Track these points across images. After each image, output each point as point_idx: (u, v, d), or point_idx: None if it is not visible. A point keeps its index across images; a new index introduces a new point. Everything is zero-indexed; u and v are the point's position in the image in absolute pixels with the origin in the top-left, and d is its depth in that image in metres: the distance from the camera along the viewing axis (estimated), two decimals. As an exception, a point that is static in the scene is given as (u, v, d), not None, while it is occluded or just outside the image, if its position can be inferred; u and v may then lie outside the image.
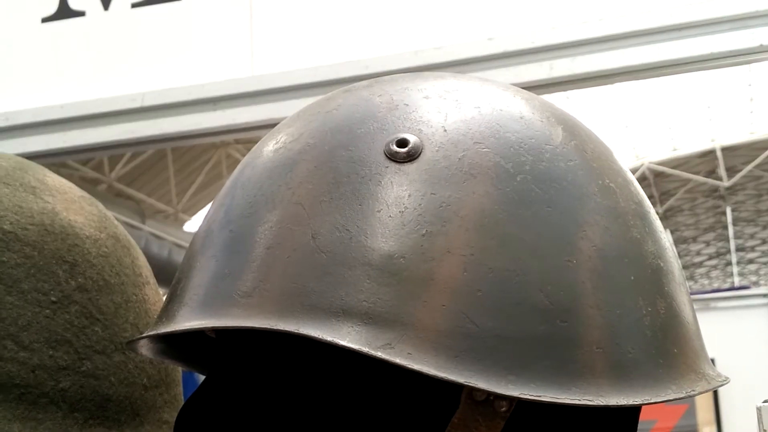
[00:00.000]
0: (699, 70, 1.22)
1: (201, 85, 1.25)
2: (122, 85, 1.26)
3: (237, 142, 10.13)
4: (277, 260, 0.46)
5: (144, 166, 10.09)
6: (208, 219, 0.53)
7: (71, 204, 0.62)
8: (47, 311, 0.55)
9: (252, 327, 0.44)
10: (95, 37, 1.29)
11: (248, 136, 1.33)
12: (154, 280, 0.68)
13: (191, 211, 11.36)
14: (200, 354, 0.60)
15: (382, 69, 1.18)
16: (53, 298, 0.56)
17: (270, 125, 1.32)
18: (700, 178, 14.10)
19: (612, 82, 1.25)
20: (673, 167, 13.73)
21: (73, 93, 1.23)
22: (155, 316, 0.63)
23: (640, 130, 12.19)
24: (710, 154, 13.36)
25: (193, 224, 11.40)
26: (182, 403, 0.65)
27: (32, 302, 0.55)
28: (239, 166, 0.54)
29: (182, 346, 0.58)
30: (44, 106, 1.22)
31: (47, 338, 0.54)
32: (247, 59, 1.26)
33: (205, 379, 0.55)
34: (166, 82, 1.26)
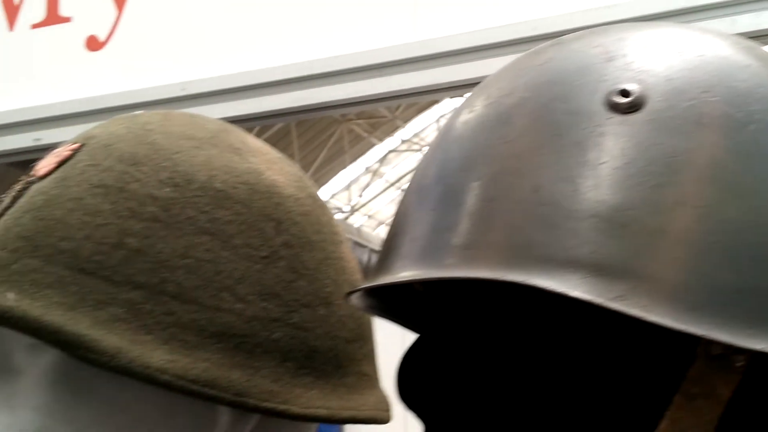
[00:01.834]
0: None
1: (364, 51, 1.27)
2: (293, 54, 1.29)
3: (358, 117, 10.20)
4: (498, 213, 0.45)
5: (269, 141, 10.30)
6: (418, 176, 0.53)
7: (272, 164, 0.64)
8: (258, 266, 0.57)
9: (478, 277, 0.44)
10: (276, 4, 1.34)
11: (411, 101, 1.34)
12: (348, 238, 0.69)
13: (315, 185, 11.57)
14: (407, 310, 0.61)
15: (549, 30, 1.15)
16: (263, 254, 0.58)
17: (434, 90, 1.33)
18: None
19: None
20: None
21: (249, 62, 1.29)
22: (351, 273, 0.64)
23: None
24: None
25: (317, 197, 11.60)
26: (376, 357, 0.67)
27: (244, 257, 0.57)
28: (447, 123, 0.54)
29: (391, 301, 0.59)
30: (226, 75, 1.29)
31: (259, 291, 0.56)
32: (410, 25, 1.27)
33: (419, 336, 0.55)
34: (333, 50, 1.28)
